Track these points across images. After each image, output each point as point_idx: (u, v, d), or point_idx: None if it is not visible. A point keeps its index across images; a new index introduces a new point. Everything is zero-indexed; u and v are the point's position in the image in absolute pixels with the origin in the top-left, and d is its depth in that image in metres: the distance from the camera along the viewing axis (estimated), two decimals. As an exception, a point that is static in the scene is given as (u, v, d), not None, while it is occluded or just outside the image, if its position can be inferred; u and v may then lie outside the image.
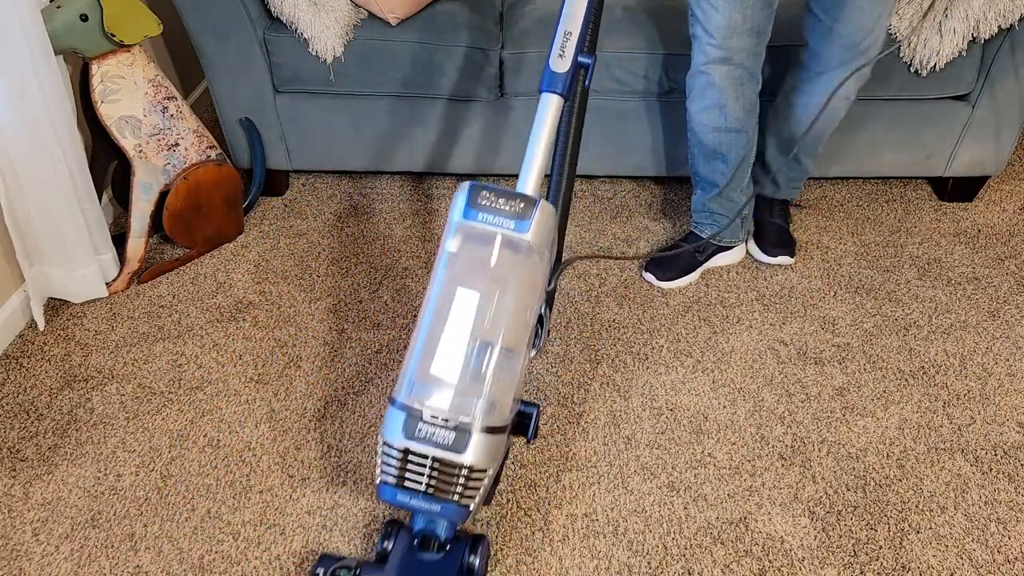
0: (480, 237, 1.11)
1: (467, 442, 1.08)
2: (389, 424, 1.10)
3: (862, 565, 1.31)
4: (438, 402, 1.09)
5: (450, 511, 1.11)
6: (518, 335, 1.13)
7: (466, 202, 1.12)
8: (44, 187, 1.64)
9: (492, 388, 1.10)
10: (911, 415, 1.58)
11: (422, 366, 1.11)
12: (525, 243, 1.11)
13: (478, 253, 1.12)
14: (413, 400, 1.10)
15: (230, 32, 1.94)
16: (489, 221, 1.11)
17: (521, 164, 1.22)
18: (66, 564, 1.30)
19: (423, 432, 1.08)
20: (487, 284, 1.11)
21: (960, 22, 1.85)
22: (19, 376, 1.66)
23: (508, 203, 1.11)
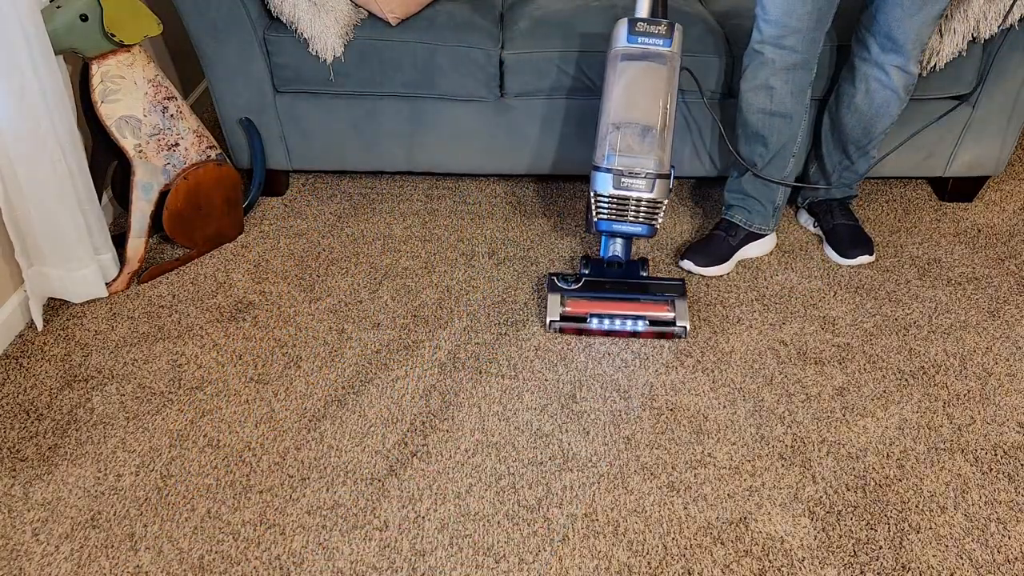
0: (640, 54, 1.68)
1: (653, 185, 1.65)
2: (599, 182, 1.67)
3: (862, 565, 1.31)
4: (634, 162, 1.66)
5: (647, 230, 1.70)
6: (671, 112, 1.68)
7: (628, 31, 1.68)
8: (44, 187, 1.64)
9: (662, 150, 1.66)
10: (911, 415, 1.58)
11: (615, 141, 1.66)
12: (671, 54, 1.68)
13: (643, 64, 1.67)
14: (614, 164, 1.66)
15: (230, 32, 1.94)
16: (646, 42, 1.67)
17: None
18: (66, 564, 1.30)
19: (625, 183, 1.66)
20: (653, 84, 1.66)
21: (960, 22, 1.85)
22: (19, 376, 1.66)
23: (656, 28, 1.67)
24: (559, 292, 1.76)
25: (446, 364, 1.69)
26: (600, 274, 1.80)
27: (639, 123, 1.65)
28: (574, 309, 1.73)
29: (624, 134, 1.65)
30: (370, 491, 1.42)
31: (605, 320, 1.72)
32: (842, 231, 1.99)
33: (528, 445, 1.51)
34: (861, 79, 1.80)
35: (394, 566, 1.30)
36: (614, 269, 1.80)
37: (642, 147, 1.65)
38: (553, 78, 2.02)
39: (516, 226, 2.13)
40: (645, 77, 1.65)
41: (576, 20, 2.04)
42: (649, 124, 1.65)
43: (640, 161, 1.64)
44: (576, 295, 1.75)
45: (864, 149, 1.90)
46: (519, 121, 2.09)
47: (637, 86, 1.65)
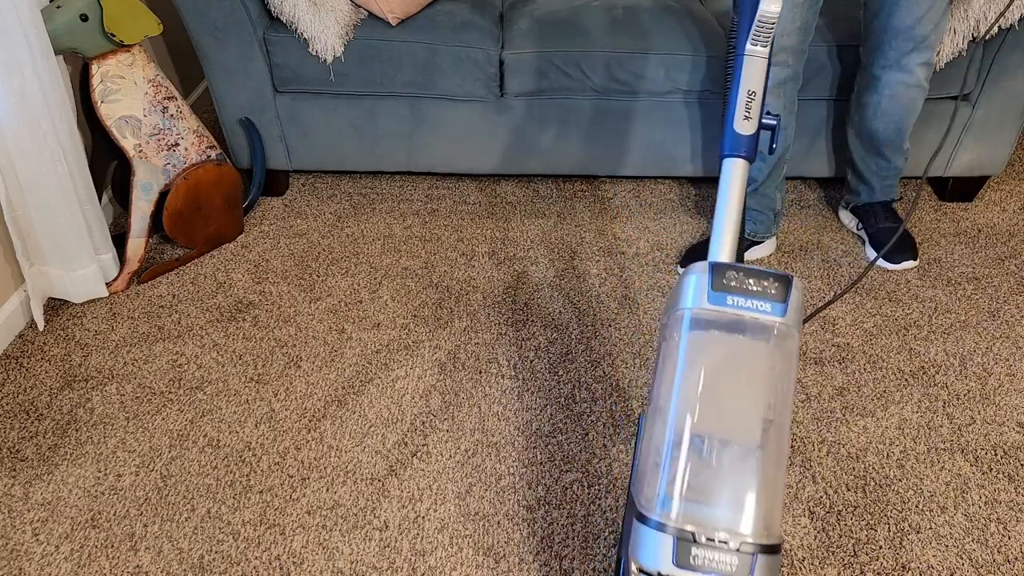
0: (730, 324, 0.97)
1: (752, 568, 0.89)
2: (646, 548, 0.92)
3: (862, 565, 1.31)
4: (715, 521, 0.90)
5: None
6: (784, 430, 0.96)
7: (710, 284, 0.98)
8: (44, 187, 1.64)
9: (770, 500, 0.92)
10: (911, 415, 1.58)
11: (681, 477, 0.93)
12: (785, 328, 0.96)
13: (734, 343, 0.96)
14: (678, 519, 0.91)
15: (230, 32, 1.94)
16: (742, 305, 0.96)
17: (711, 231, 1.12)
18: (66, 564, 1.30)
19: (700, 559, 0.89)
20: (752, 379, 0.95)
21: (960, 22, 1.85)
22: (19, 376, 1.66)
23: (760, 283, 0.97)
24: None
25: (446, 364, 1.69)
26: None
27: (725, 441, 0.93)
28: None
29: (699, 462, 0.93)
30: (370, 491, 1.42)
31: None
32: (886, 235, 1.98)
33: (528, 445, 1.51)
34: (884, 86, 1.80)
35: (394, 566, 1.30)
36: None
37: (731, 489, 0.92)
38: (553, 78, 2.02)
39: (516, 226, 2.13)
40: (738, 364, 0.96)
41: (576, 20, 2.04)
42: (744, 445, 0.93)
43: (727, 516, 0.91)
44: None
45: (898, 146, 1.91)
46: (519, 121, 2.09)
47: (723, 378, 0.96)
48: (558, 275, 1.95)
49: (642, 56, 1.98)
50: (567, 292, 1.90)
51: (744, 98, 1.15)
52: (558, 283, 1.93)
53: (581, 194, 2.26)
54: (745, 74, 1.16)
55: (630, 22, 2.02)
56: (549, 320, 1.81)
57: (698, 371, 0.96)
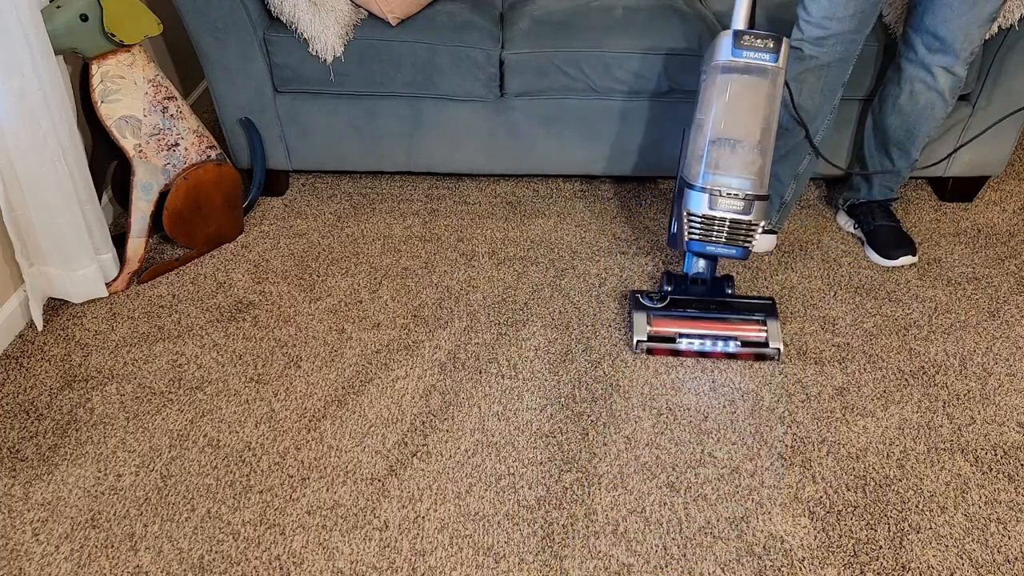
0: (743, 68, 1.57)
1: (751, 207, 1.56)
2: (693, 201, 1.58)
3: (862, 565, 1.31)
4: (729, 183, 1.56)
5: (741, 252, 1.61)
6: (772, 131, 1.58)
7: (732, 43, 1.57)
8: (44, 187, 1.64)
9: (762, 170, 1.56)
10: (911, 415, 1.58)
11: (713, 156, 1.57)
12: (778, 70, 1.56)
13: (746, 79, 1.57)
14: (709, 183, 1.57)
15: (230, 32, 1.94)
16: (752, 56, 1.56)
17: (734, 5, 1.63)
18: (66, 564, 1.30)
19: (721, 204, 1.56)
20: (756, 101, 1.56)
21: (960, 22, 1.85)
22: (19, 376, 1.66)
23: (763, 41, 1.56)
24: (644, 311, 1.70)
25: (446, 364, 1.69)
26: (685, 292, 1.73)
27: (738, 140, 1.56)
28: (662, 328, 1.68)
29: (722, 151, 1.56)
30: (370, 491, 1.42)
31: (695, 341, 1.67)
32: (883, 232, 1.99)
33: (528, 445, 1.51)
34: (906, 80, 1.80)
35: (394, 566, 1.30)
36: (699, 287, 1.73)
37: (740, 166, 1.56)
38: (553, 78, 2.02)
39: (516, 226, 2.13)
40: (748, 92, 1.56)
41: (576, 20, 2.04)
42: (749, 142, 1.56)
43: (737, 181, 1.56)
44: (662, 314, 1.69)
45: (906, 150, 1.91)
46: (519, 121, 2.09)
47: (739, 101, 1.56)
48: (558, 275, 1.95)
49: (642, 56, 1.98)
50: (567, 292, 1.90)
51: None
52: (558, 283, 1.93)
53: (581, 194, 2.26)
54: None
55: (630, 22, 2.02)
56: (549, 320, 1.81)
57: (724, 98, 1.58)
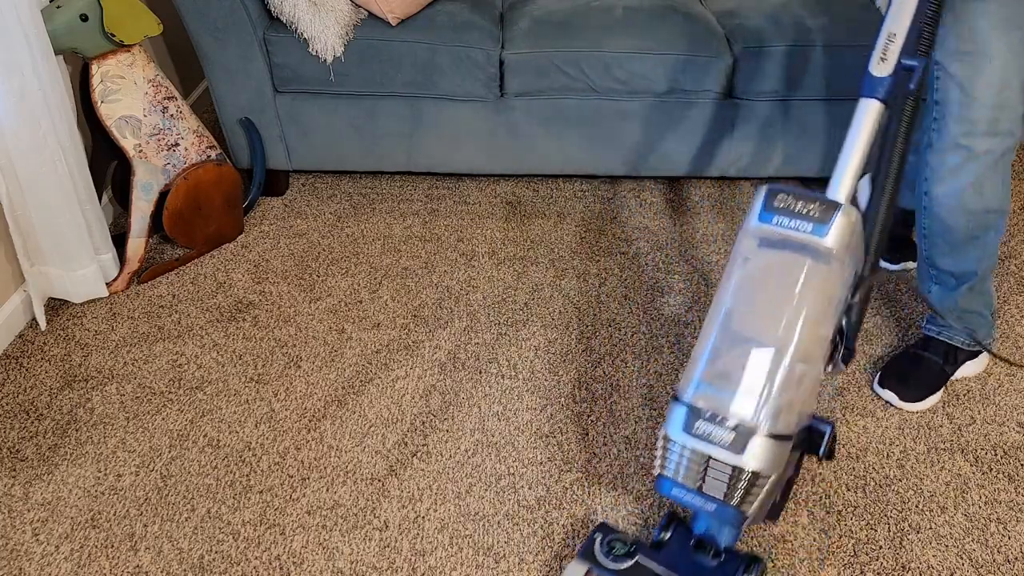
0: (776, 241, 1.07)
1: (746, 444, 1.03)
2: (671, 419, 1.09)
3: (862, 565, 1.31)
4: (720, 401, 1.05)
5: (725, 513, 1.07)
6: (811, 345, 1.06)
7: (762, 205, 1.09)
8: (44, 187, 1.64)
9: (778, 394, 1.04)
10: (911, 415, 1.58)
11: (709, 366, 1.08)
12: (824, 248, 1.04)
13: (774, 257, 1.07)
14: (697, 398, 1.07)
15: (230, 32, 1.94)
16: (785, 224, 1.06)
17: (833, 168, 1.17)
18: (66, 564, 1.30)
19: (702, 429, 1.06)
20: (782, 289, 1.06)
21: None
22: (19, 376, 1.66)
23: (806, 206, 1.06)
24: (590, 566, 1.19)
25: (446, 364, 1.69)
26: (668, 558, 1.19)
27: (756, 342, 1.06)
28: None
29: (730, 355, 1.08)
30: (370, 491, 1.42)
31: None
32: None
33: (528, 445, 1.51)
34: (927, 174, 1.46)
35: (394, 566, 1.30)
36: (698, 559, 1.19)
37: (747, 380, 1.06)
38: (553, 78, 2.02)
39: (516, 226, 2.13)
40: (776, 276, 1.08)
41: (576, 20, 2.04)
42: (767, 348, 1.06)
43: (737, 402, 1.05)
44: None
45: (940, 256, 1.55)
46: (519, 121, 2.09)
47: (762, 288, 1.08)
48: (558, 275, 1.95)
49: (642, 56, 1.98)
50: (567, 292, 1.90)
51: (883, 39, 1.14)
52: (558, 283, 1.93)
53: (581, 194, 2.26)
54: (890, 14, 1.15)
55: (630, 22, 2.02)
56: (549, 320, 1.81)
57: (737, 278, 1.11)
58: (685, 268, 1.98)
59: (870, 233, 1.19)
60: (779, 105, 2.05)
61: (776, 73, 2.00)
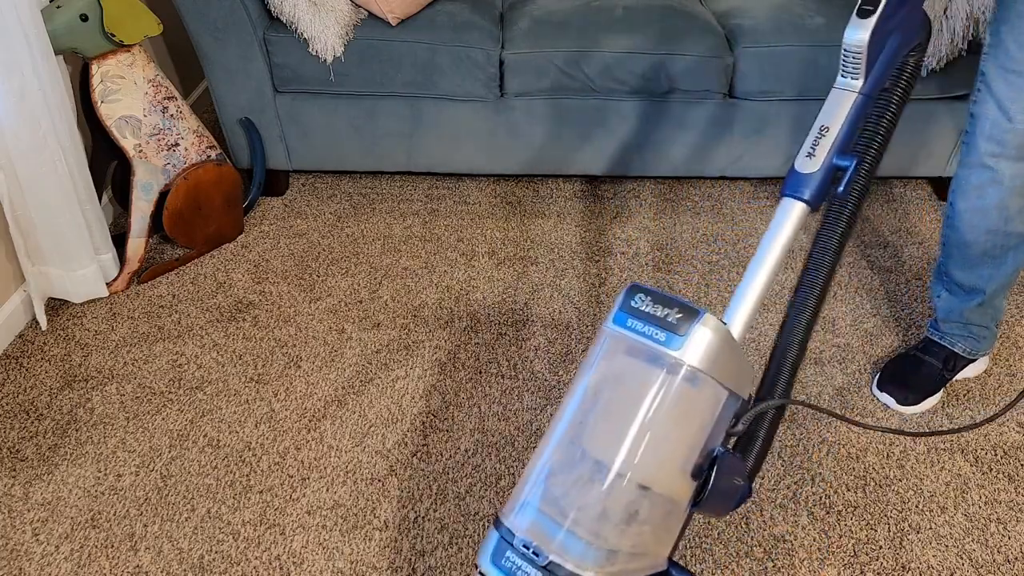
0: (624, 348, 0.93)
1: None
2: (484, 545, 0.93)
3: (862, 565, 1.31)
4: (531, 526, 0.89)
5: None
6: (655, 468, 0.89)
7: (620, 305, 0.96)
8: (44, 187, 1.64)
9: (604, 527, 0.87)
10: (911, 415, 1.58)
11: (537, 485, 0.92)
12: (674, 362, 0.89)
13: (627, 366, 0.93)
14: (516, 523, 0.91)
15: (230, 32, 1.94)
16: (639, 330, 0.92)
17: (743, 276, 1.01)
18: (66, 564, 1.30)
19: (509, 562, 0.89)
20: (623, 400, 0.91)
21: (960, 22, 1.85)
22: (19, 376, 1.66)
23: (664, 311, 0.91)
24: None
25: (446, 364, 1.69)
26: None
27: (591, 460, 0.90)
28: None
29: (560, 474, 0.91)
30: (370, 491, 1.42)
31: None
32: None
33: (528, 445, 1.51)
34: (961, 187, 1.41)
35: (394, 566, 1.30)
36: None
37: (577, 507, 0.88)
38: (553, 78, 2.02)
39: (516, 226, 2.13)
40: (625, 385, 0.92)
41: (576, 20, 2.04)
42: (606, 467, 0.88)
43: (557, 531, 0.88)
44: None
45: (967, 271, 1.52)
46: (519, 121, 2.09)
47: (608, 398, 0.93)
48: (558, 275, 1.95)
49: (642, 56, 1.98)
50: (567, 292, 1.90)
51: (814, 133, 1.03)
52: (558, 283, 1.93)
53: (581, 194, 2.26)
54: (825, 107, 1.04)
55: (630, 22, 2.02)
56: (549, 320, 1.81)
57: (586, 384, 0.95)
58: (685, 268, 1.98)
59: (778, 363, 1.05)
60: (779, 105, 2.05)
61: (776, 73, 2.00)
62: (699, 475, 0.93)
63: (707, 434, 0.93)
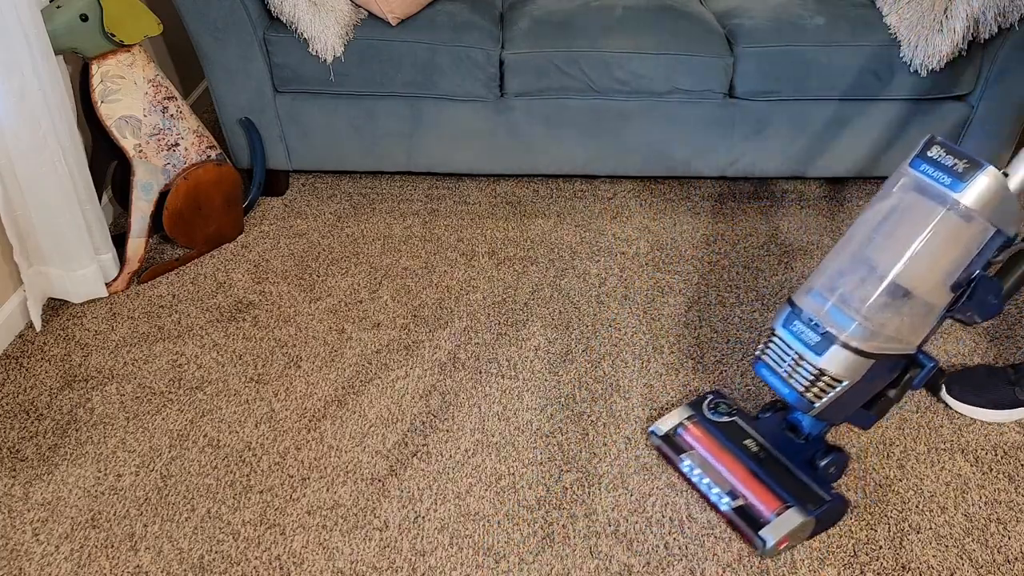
0: (919, 187, 1.16)
1: (827, 349, 1.18)
2: (778, 315, 1.27)
3: (862, 565, 1.31)
4: (821, 309, 1.20)
5: (795, 398, 1.24)
6: (921, 280, 1.16)
7: (918, 152, 1.19)
8: (44, 187, 1.64)
9: (873, 313, 1.16)
10: (910, 415, 1.58)
11: (825, 278, 1.22)
12: (956, 202, 1.13)
13: (913, 200, 1.17)
14: (804, 302, 1.23)
15: (230, 32, 1.94)
16: (930, 174, 1.16)
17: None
18: (66, 564, 1.30)
19: (796, 328, 1.22)
20: (911, 228, 1.15)
21: (960, 22, 1.85)
22: (19, 376, 1.66)
23: (954, 160, 1.14)
24: (694, 413, 1.47)
25: (446, 364, 1.69)
26: (762, 428, 1.44)
27: (868, 264, 1.18)
28: (685, 437, 1.44)
29: (848, 274, 1.20)
30: (370, 491, 1.42)
31: (696, 472, 1.39)
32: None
33: (528, 445, 1.51)
34: None
35: (394, 566, 1.30)
36: (787, 436, 1.41)
37: (854, 297, 1.18)
38: (553, 78, 2.02)
39: (516, 226, 2.13)
40: (909, 216, 1.16)
41: (576, 20, 2.04)
42: (882, 273, 1.16)
43: (836, 312, 1.19)
44: (709, 427, 1.44)
45: None
46: (519, 121, 2.09)
47: (895, 222, 1.18)
48: (558, 275, 1.95)
49: (642, 56, 1.98)
50: (567, 292, 1.90)
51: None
52: (558, 283, 1.93)
53: (581, 194, 2.26)
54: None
55: (630, 22, 2.02)
56: (549, 320, 1.81)
57: (877, 210, 1.21)
58: (685, 268, 1.98)
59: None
60: (779, 105, 2.05)
61: (776, 73, 2.00)
62: (957, 289, 1.19)
63: (970, 259, 1.17)
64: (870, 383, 1.23)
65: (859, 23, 2.01)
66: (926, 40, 1.90)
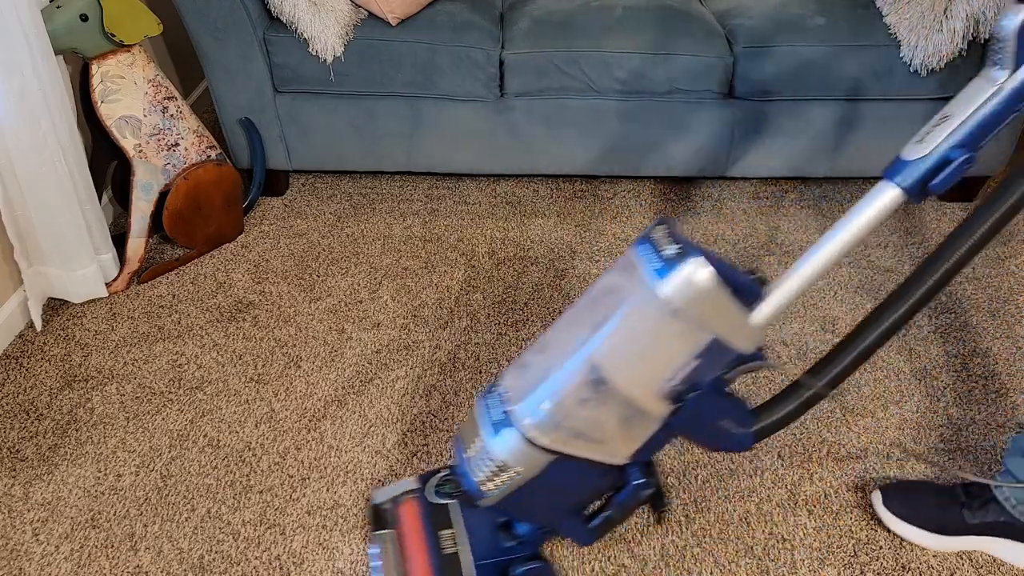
0: (629, 268, 1.01)
1: (502, 430, 1.00)
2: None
3: (862, 565, 1.31)
4: (512, 380, 1.04)
5: (467, 481, 1.04)
6: (617, 371, 0.97)
7: (646, 231, 1.03)
8: (44, 187, 1.64)
9: (560, 402, 0.98)
10: (911, 415, 1.58)
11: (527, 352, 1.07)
12: (652, 294, 0.95)
13: (619, 279, 1.02)
14: (506, 372, 1.07)
15: (230, 32, 1.94)
16: (642, 254, 0.99)
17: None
18: (66, 564, 1.30)
19: (488, 400, 1.05)
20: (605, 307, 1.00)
21: (960, 22, 1.85)
22: (19, 376, 1.66)
23: (668, 244, 0.97)
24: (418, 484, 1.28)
25: (446, 364, 1.69)
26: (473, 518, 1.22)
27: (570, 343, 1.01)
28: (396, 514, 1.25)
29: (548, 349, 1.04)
30: (370, 491, 1.42)
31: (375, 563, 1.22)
32: None
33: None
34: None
35: (394, 566, 1.30)
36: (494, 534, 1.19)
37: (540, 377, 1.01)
38: (553, 78, 2.02)
39: (516, 226, 2.13)
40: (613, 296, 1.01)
41: (576, 20, 2.04)
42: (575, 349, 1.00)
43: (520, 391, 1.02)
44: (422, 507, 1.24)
45: None
46: (519, 121, 2.09)
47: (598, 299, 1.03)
48: (558, 275, 1.95)
49: (642, 56, 1.98)
50: (567, 292, 1.90)
51: (933, 120, 0.99)
52: (558, 283, 1.93)
53: (581, 194, 2.26)
54: (958, 95, 1.00)
55: (630, 22, 2.02)
56: (549, 320, 1.81)
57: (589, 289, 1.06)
58: (685, 268, 1.97)
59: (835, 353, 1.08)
60: (779, 105, 2.05)
61: (776, 73, 1.99)
62: (675, 399, 1.01)
63: (680, 365, 0.99)
64: (560, 485, 1.05)
65: (859, 23, 2.01)
66: (926, 40, 1.90)
